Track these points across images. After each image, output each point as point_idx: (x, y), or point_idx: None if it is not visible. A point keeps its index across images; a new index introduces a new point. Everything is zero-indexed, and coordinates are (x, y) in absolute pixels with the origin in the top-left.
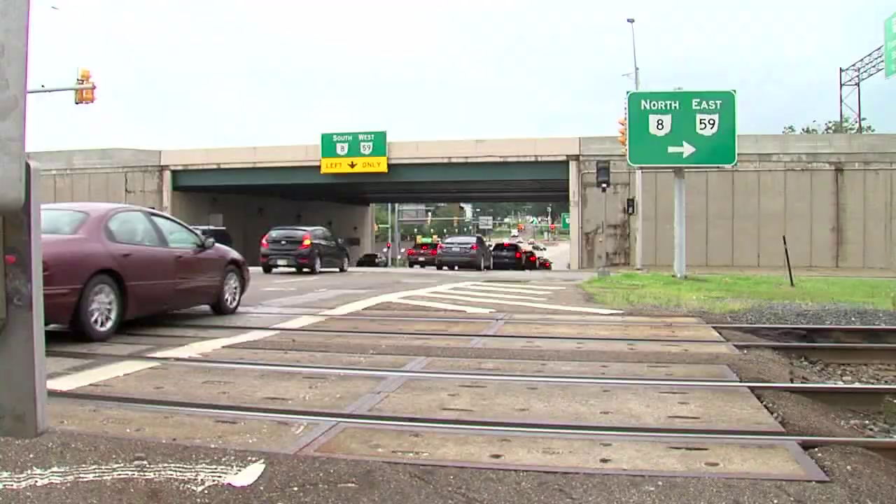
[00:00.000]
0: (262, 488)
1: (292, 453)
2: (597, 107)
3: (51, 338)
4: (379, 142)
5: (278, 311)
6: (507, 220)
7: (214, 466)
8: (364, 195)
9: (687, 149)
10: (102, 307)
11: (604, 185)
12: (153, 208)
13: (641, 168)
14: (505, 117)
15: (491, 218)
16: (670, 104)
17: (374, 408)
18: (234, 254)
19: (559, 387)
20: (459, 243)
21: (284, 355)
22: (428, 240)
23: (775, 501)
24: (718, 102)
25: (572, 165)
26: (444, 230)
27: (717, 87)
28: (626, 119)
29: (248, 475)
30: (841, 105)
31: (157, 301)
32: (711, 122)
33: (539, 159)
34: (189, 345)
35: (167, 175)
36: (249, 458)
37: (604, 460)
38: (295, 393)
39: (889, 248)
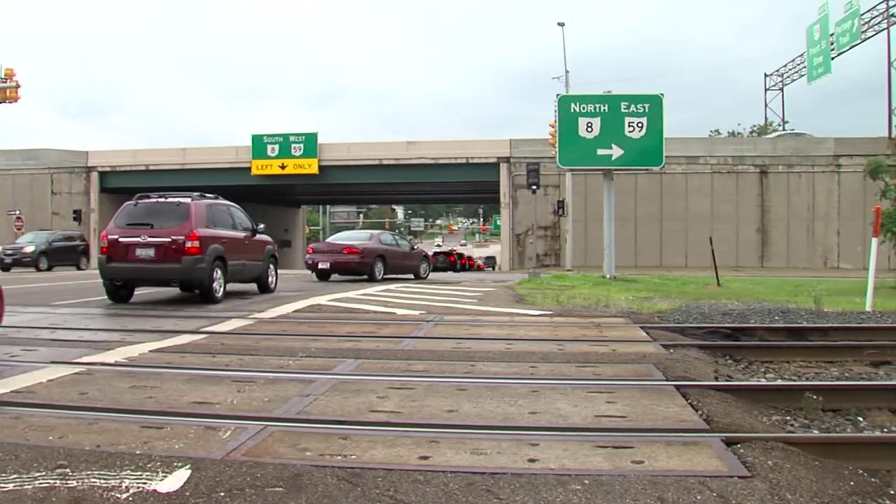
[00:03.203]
0: (187, 494)
1: (219, 458)
2: (529, 109)
3: None
4: (310, 143)
5: (207, 314)
6: (438, 221)
7: (139, 473)
8: (295, 197)
9: (616, 151)
10: (379, 269)
11: (534, 187)
12: (79, 210)
13: (571, 170)
14: (437, 119)
15: (422, 220)
16: (599, 107)
17: (303, 411)
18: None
19: (488, 388)
20: (445, 254)
21: (213, 359)
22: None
23: (699, 497)
24: (646, 105)
25: (503, 167)
26: None
27: (649, 90)
28: (556, 121)
29: (173, 481)
30: (766, 109)
31: (396, 270)
32: (640, 124)
33: (470, 161)
34: (115, 349)
35: (94, 176)
36: (175, 464)
37: (531, 460)
38: (223, 397)
39: (811, 249)
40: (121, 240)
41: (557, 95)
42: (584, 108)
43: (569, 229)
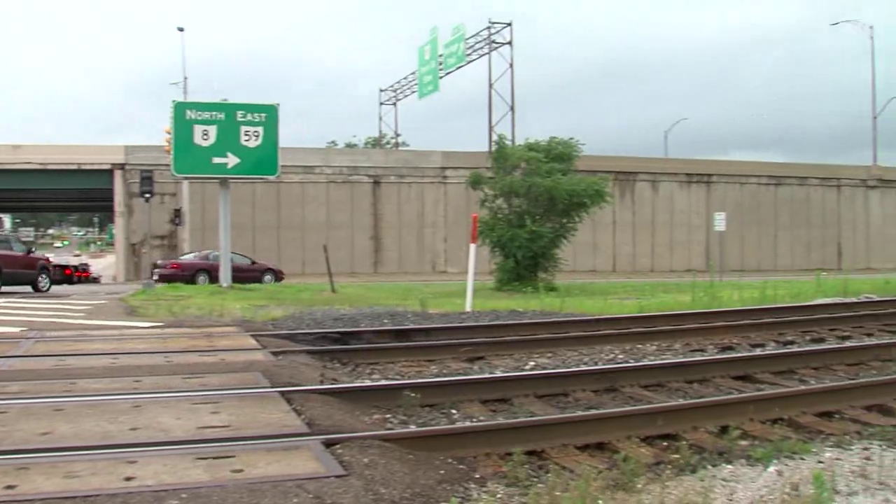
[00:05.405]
0: None
1: None
2: (152, 114)
3: None
4: None
5: None
6: (51, 230)
7: None
8: None
9: (232, 160)
10: (202, 280)
11: (147, 196)
12: None
13: (187, 178)
14: (58, 122)
15: (33, 229)
16: (216, 115)
17: None
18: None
19: (88, 406)
20: (60, 267)
21: None
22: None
23: (295, 500)
24: (263, 115)
25: (118, 175)
26: None
27: (267, 99)
28: (171, 128)
29: None
30: (380, 122)
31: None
32: (256, 134)
33: (82, 167)
34: None
35: None
36: None
37: (128, 478)
38: None
39: (421, 254)
40: None
41: (173, 102)
42: (199, 116)
43: (186, 238)
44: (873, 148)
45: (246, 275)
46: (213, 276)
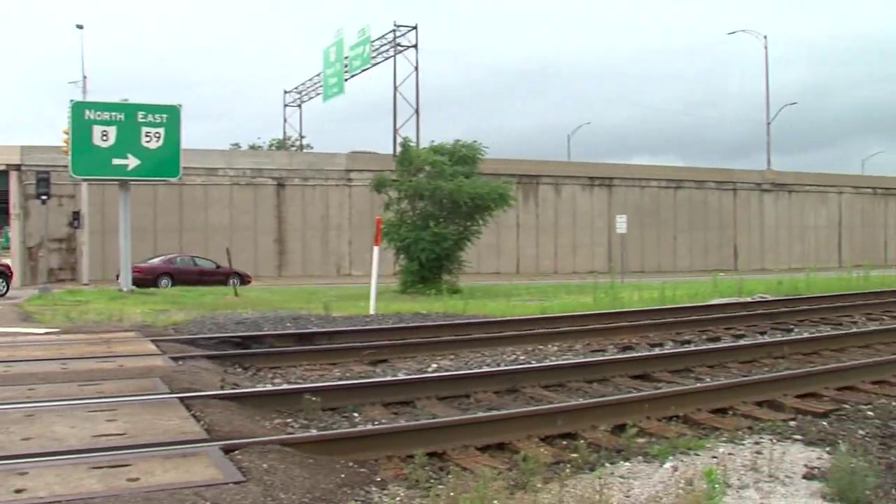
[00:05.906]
0: None
1: None
2: (48, 113)
3: None
4: None
5: None
6: None
7: None
8: None
9: (132, 161)
10: (165, 282)
11: (43, 198)
12: None
13: (86, 180)
14: None
15: None
16: (116, 115)
17: None
18: None
19: None
20: None
21: None
22: None
23: None
24: (164, 116)
25: (13, 176)
26: None
27: (169, 100)
28: (69, 128)
29: None
30: (285, 124)
31: (192, 283)
32: (157, 135)
33: None
34: None
35: None
36: None
37: (18, 491)
38: None
39: (326, 257)
40: None
41: (71, 101)
42: (99, 116)
43: (85, 241)
44: (767, 153)
45: (211, 278)
46: (175, 279)
